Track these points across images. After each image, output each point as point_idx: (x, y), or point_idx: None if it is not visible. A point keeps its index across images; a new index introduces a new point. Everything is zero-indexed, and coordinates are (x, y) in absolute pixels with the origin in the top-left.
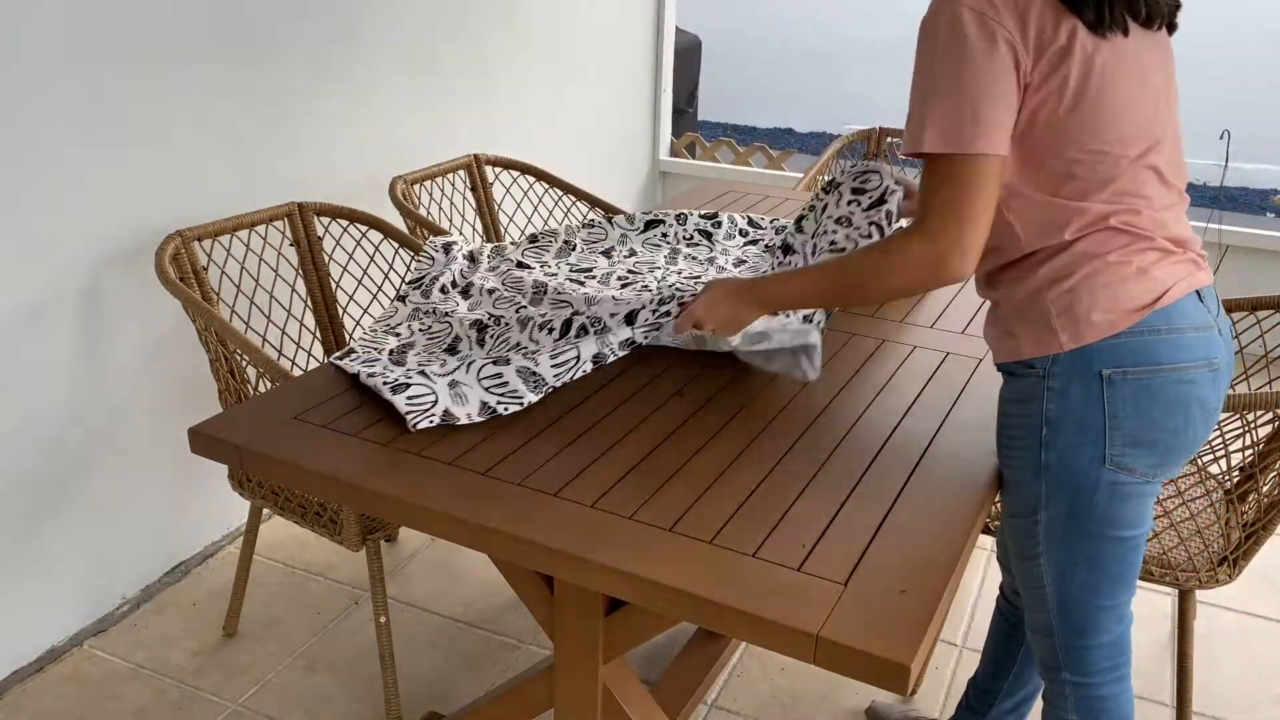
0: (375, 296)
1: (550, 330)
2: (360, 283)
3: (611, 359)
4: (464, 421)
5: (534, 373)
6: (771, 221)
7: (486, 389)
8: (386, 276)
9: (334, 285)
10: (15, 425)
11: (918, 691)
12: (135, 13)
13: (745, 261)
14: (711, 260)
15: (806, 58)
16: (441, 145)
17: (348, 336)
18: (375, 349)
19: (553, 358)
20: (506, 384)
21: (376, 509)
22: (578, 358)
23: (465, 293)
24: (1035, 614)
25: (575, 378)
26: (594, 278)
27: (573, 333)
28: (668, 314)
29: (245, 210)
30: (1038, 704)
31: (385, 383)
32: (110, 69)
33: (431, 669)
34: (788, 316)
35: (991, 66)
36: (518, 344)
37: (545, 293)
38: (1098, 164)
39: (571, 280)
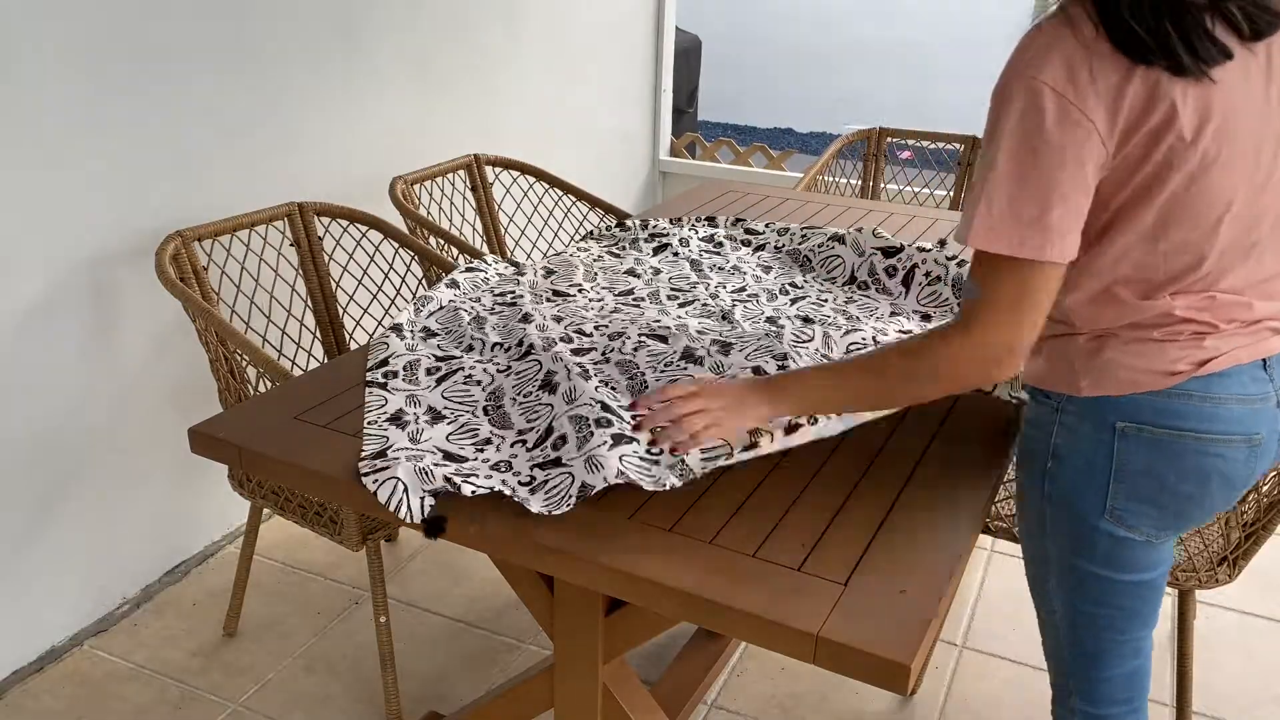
0: (375, 296)
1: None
2: (360, 283)
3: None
4: (599, 485)
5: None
6: (767, 225)
7: (623, 456)
8: (386, 276)
9: (334, 285)
10: (15, 425)
11: (918, 691)
12: (135, 13)
13: (771, 268)
14: (736, 268)
15: (806, 58)
16: (441, 145)
17: (348, 336)
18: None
19: (702, 452)
20: (646, 462)
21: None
22: (730, 450)
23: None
24: (1046, 634)
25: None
26: (642, 298)
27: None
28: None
29: (245, 210)
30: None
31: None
32: (110, 69)
33: (431, 669)
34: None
35: (1064, 161)
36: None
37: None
38: (1180, 254)
39: (628, 305)
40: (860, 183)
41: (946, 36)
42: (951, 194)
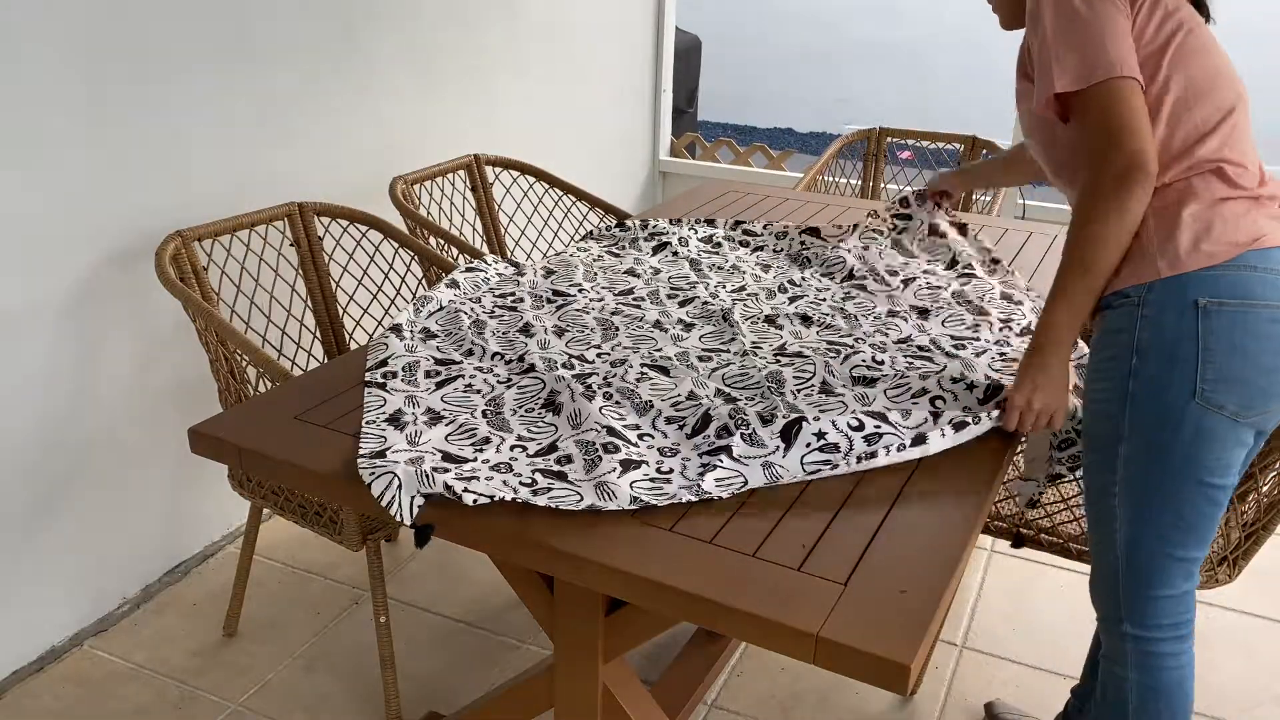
0: (375, 296)
1: (682, 425)
2: (360, 283)
3: (785, 481)
4: (611, 508)
5: (696, 484)
6: (765, 227)
7: (634, 482)
8: (386, 276)
9: (334, 285)
10: (15, 425)
11: (918, 691)
12: (135, 12)
13: (770, 267)
14: (735, 268)
15: (806, 58)
16: (441, 145)
17: (348, 336)
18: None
19: (717, 480)
20: (658, 482)
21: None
22: (745, 481)
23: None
24: (1102, 557)
25: (736, 493)
26: (642, 298)
27: (711, 431)
28: (831, 445)
29: (245, 210)
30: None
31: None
32: (110, 69)
33: (431, 669)
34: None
35: (1098, 11)
36: (637, 427)
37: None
38: (1196, 105)
39: (628, 305)
40: (860, 183)
41: (946, 37)
42: None
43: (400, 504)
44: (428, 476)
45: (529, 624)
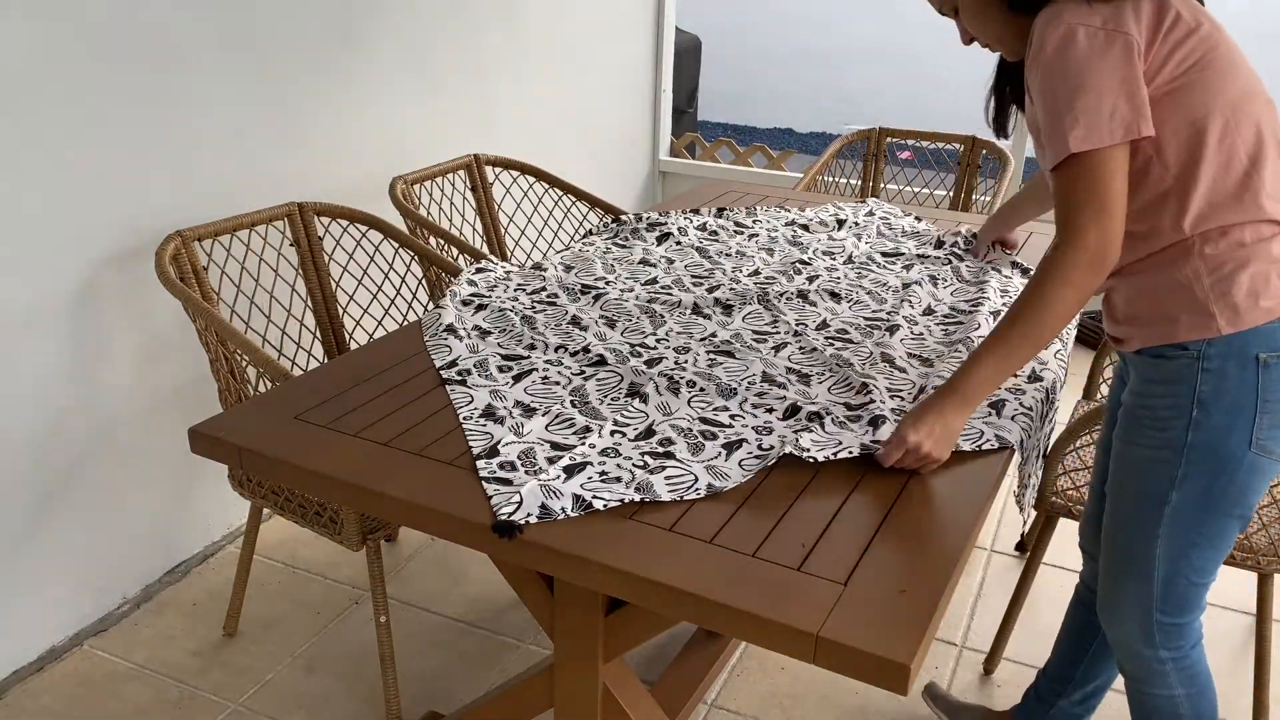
0: (375, 296)
1: (771, 409)
2: (360, 283)
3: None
4: (729, 487)
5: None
6: (753, 220)
7: (742, 461)
8: (386, 276)
9: (334, 285)
10: (15, 425)
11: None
12: (136, 12)
13: (773, 250)
14: (740, 253)
15: (806, 58)
16: (441, 145)
17: (348, 336)
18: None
19: (813, 440)
20: (762, 457)
21: (376, 509)
22: (840, 443)
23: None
24: (1135, 595)
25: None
26: (668, 286)
27: (803, 415)
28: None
29: (245, 210)
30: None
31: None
32: (111, 69)
33: (431, 669)
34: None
35: (1105, 65)
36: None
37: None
38: (1239, 130)
39: (658, 294)
40: (860, 183)
41: (946, 37)
42: (951, 194)
43: (513, 516)
44: (555, 491)
45: (529, 624)
